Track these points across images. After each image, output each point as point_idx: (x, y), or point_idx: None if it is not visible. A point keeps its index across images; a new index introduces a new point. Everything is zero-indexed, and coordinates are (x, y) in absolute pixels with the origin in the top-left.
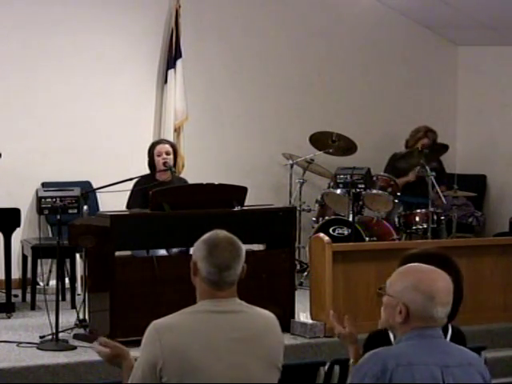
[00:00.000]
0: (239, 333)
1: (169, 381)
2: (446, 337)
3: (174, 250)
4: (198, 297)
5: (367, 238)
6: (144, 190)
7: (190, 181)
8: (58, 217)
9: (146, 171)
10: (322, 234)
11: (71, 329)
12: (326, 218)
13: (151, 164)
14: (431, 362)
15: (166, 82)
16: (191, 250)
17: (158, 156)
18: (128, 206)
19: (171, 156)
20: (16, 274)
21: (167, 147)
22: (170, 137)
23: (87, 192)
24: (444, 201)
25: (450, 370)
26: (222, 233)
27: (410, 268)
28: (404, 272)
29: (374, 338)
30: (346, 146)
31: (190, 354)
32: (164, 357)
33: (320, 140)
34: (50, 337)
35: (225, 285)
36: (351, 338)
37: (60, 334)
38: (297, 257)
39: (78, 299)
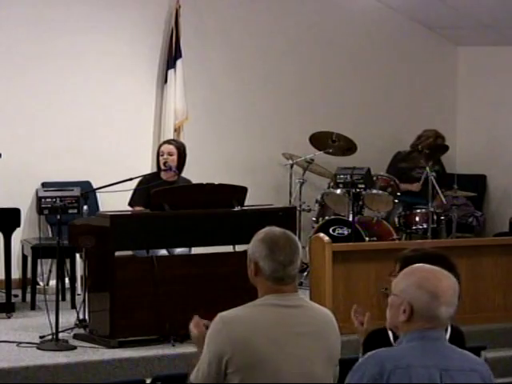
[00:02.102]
0: (304, 327)
1: (234, 372)
2: (446, 333)
3: (177, 250)
4: (261, 293)
5: (367, 238)
6: (147, 188)
7: (192, 182)
8: (58, 217)
9: (146, 171)
10: (322, 234)
11: (71, 329)
12: (326, 217)
13: (157, 163)
14: (430, 364)
15: (166, 81)
16: (193, 250)
17: (161, 155)
18: (131, 202)
19: (174, 157)
20: (16, 274)
21: (171, 148)
22: (170, 137)
23: (87, 192)
24: (444, 201)
25: (449, 374)
26: (276, 229)
27: (414, 268)
28: (409, 271)
29: (373, 337)
30: (346, 146)
31: (256, 346)
32: (232, 348)
33: (320, 140)
34: (49, 337)
35: (289, 279)
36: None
37: (60, 334)
38: None
39: (78, 299)
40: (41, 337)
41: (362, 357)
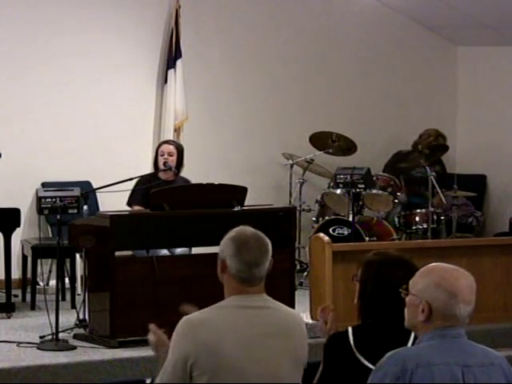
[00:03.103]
0: (270, 328)
1: (200, 375)
2: (409, 339)
3: (178, 250)
4: (227, 293)
5: (367, 238)
6: (146, 188)
7: (190, 181)
8: (58, 217)
9: (146, 171)
10: (321, 234)
11: (71, 329)
12: (326, 217)
13: (155, 162)
14: (452, 361)
15: (166, 82)
16: (193, 251)
17: (161, 155)
18: (129, 202)
19: (174, 157)
20: (16, 274)
21: (171, 148)
22: (170, 136)
23: (87, 192)
24: (444, 201)
25: (471, 370)
26: (248, 230)
27: (432, 267)
28: (426, 271)
29: (334, 340)
30: (346, 146)
31: (221, 348)
32: (197, 351)
33: (320, 140)
34: (49, 337)
35: (255, 281)
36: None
37: (60, 334)
38: (297, 257)
39: (78, 299)
40: (41, 337)
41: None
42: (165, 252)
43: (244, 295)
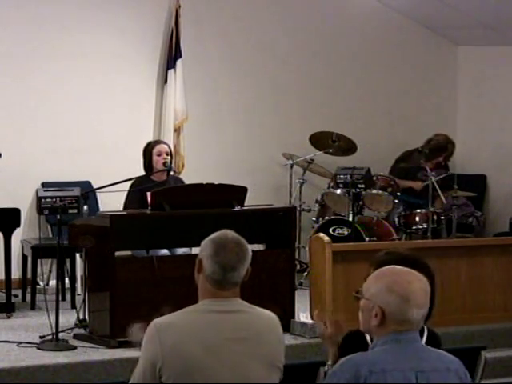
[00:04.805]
0: (239, 333)
1: (168, 379)
2: (421, 339)
3: (179, 251)
4: (200, 295)
5: (367, 238)
6: (141, 191)
7: (190, 181)
8: (58, 217)
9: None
10: (322, 234)
11: (71, 329)
12: (326, 217)
13: (148, 164)
14: (406, 367)
15: (166, 81)
16: (193, 251)
17: (159, 156)
18: (125, 208)
19: (169, 157)
20: (16, 274)
21: (166, 148)
22: (170, 137)
23: (87, 192)
24: (444, 201)
25: (425, 375)
26: (230, 234)
27: (384, 270)
28: (379, 275)
29: (350, 339)
30: (346, 146)
31: (189, 353)
32: (164, 355)
33: (320, 140)
34: (49, 337)
35: (228, 285)
36: (332, 340)
37: (60, 334)
38: (297, 257)
39: (78, 299)
40: (41, 337)
41: (329, 364)
42: (165, 252)
43: (216, 299)
